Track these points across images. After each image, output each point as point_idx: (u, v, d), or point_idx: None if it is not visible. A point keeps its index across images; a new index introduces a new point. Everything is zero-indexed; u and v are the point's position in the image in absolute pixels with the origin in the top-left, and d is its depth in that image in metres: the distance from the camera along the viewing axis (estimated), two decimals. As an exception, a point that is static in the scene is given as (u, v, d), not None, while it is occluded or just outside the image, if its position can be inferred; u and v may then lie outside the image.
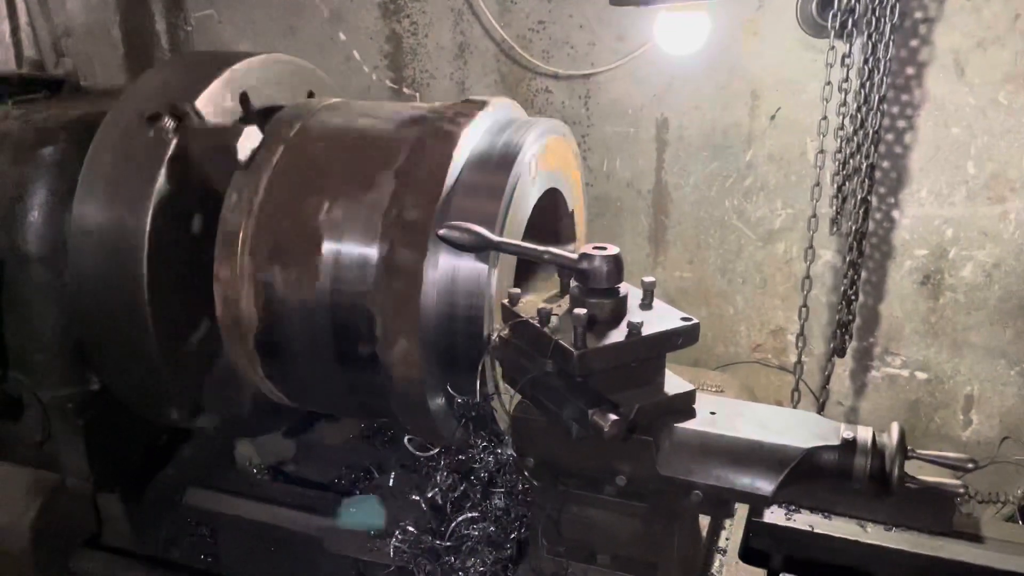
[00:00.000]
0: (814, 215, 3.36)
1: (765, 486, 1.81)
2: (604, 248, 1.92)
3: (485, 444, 2.08)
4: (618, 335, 1.85)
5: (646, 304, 1.99)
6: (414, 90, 4.19)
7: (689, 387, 1.96)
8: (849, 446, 1.81)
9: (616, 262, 1.91)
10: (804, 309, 3.48)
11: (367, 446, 3.05)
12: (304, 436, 3.16)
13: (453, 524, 2.03)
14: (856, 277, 3.41)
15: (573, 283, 1.96)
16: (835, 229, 3.47)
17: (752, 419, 1.93)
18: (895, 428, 1.83)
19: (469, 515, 2.05)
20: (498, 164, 2.22)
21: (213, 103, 2.52)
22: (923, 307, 3.59)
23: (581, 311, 1.79)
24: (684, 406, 1.94)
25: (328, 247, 2.27)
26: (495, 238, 1.88)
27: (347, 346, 2.29)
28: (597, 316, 1.86)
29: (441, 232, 1.86)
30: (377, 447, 3.03)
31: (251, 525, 2.70)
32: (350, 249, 2.24)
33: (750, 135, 3.63)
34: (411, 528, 2.10)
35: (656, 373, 1.95)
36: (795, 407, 3.60)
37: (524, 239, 2.22)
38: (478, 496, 2.07)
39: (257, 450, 3.55)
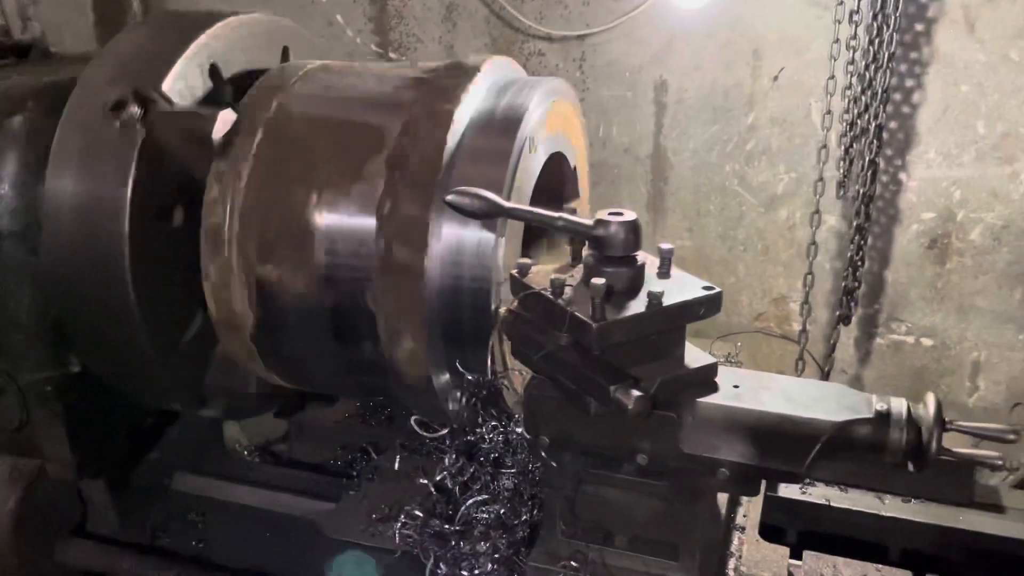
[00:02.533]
0: (820, 179, 3.27)
1: (795, 462, 1.71)
2: (620, 214, 1.80)
3: (495, 423, 1.96)
4: (638, 306, 1.73)
5: (664, 272, 1.87)
6: (400, 55, 4.02)
7: (711, 359, 1.85)
8: (883, 419, 1.71)
9: (634, 228, 1.79)
10: (809, 276, 3.40)
11: (363, 425, 2.93)
12: (297, 416, 3.03)
13: (463, 508, 1.92)
14: (863, 242, 3.33)
15: (587, 251, 1.85)
16: (842, 193, 3.37)
17: (778, 392, 1.82)
18: (931, 399, 1.73)
19: (479, 497, 1.94)
20: (502, 127, 2.09)
21: (183, 80, 2.33)
22: (930, 272, 3.51)
23: (599, 281, 1.67)
24: (706, 379, 1.83)
25: (322, 229, 2.13)
26: (506, 204, 1.75)
27: (346, 328, 2.16)
28: (614, 286, 1.74)
29: (449, 198, 1.73)
30: (373, 426, 2.92)
31: (244, 510, 2.58)
32: (346, 225, 2.11)
33: (752, 97, 3.52)
34: (418, 512, 1.99)
35: (676, 345, 1.84)
36: (799, 376, 3.53)
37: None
38: (488, 477, 1.95)
39: (246, 430, 3.44)
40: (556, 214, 1.78)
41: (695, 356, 1.85)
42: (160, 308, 2.29)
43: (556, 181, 2.56)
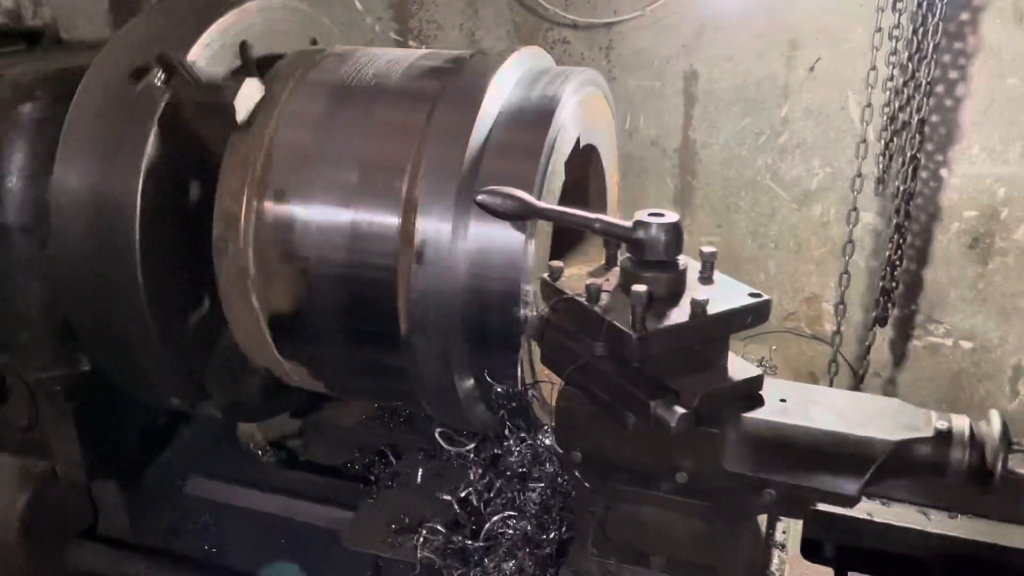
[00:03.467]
0: (859, 174, 3.13)
1: (849, 484, 1.60)
2: (661, 215, 1.69)
3: (523, 435, 1.85)
4: (680, 314, 1.62)
5: (706, 277, 1.77)
6: (420, 43, 3.90)
7: (756, 371, 1.73)
8: (944, 438, 1.60)
9: (675, 231, 1.68)
10: (845, 276, 3.26)
11: (381, 427, 2.83)
12: (312, 416, 2.94)
13: (488, 523, 1.82)
14: (902, 241, 3.18)
15: (623, 255, 1.74)
16: (880, 189, 3.23)
17: (828, 407, 1.71)
18: (995, 417, 1.61)
19: (505, 513, 1.83)
20: (534, 120, 1.97)
21: (207, 55, 2.25)
22: (970, 272, 3.36)
23: (640, 288, 1.55)
24: (751, 392, 1.72)
25: (344, 222, 2.02)
26: (539, 204, 1.64)
27: (366, 325, 2.06)
28: (654, 292, 1.63)
29: (479, 198, 1.62)
30: (392, 428, 2.81)
31: (259, 517, 2.49)
32: (369, 221, 2.01)
33: (786, 88, 3.37)
34: (439, 527, 1.89)
35: (719, 356, 1.73)
36: (832, 380, 3.41)
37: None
38: (515, 492, 1.85)
39: (261, 427, 3.34)
40: (593, 215, 1.67)
41: (739, 367, 1.74)
42: (167, 290, 2.21)
43: (583, 178, 2.45)
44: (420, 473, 1.96)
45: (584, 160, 2.25)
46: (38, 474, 2.60)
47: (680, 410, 1.52)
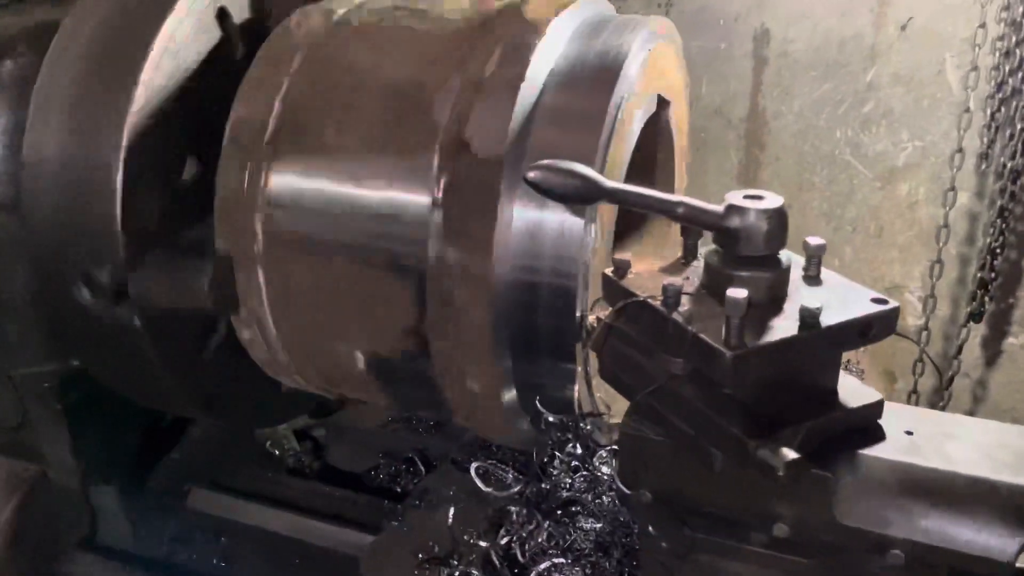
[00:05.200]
0: (959, 149, 2.73)
1: (1003, 544, 1.24)
2: (760, 197, 1.34)
3: (577, 464, 1.52)
4: (786, 326, 1.27)
5: (813, 277, 1.42)
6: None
7: (875, 395, 1.38)
8: None
9: (780, 219, 1.33)
10: (938, 265, 2.87)
11: (409, 431, 2.53)
12: (333, 417, 2.64)
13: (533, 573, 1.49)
14: (1004, 226, 2.79)
15: (707, 247, 1.39)
16: (984, 166, 2.82)
17: (969, 442, 1.35)
18: None
19: (552, 561, 1.51)
20: (595, 80, 1.61)
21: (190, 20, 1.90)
22: (1081, 262, 2.95)
23: (738, 294, 1.20)
24: (870, 423, 1.37)
25: (362, 207, 1.70)
26: (609, 184, 1.28)
27: (388, 324, 1.74)
28: (752, 297, 1.28)
29: (530, 175, 1.27)
30: (421, 432, 2.51)
31: (270, 537, 2.20)
32: (392, 203, 1.68)
33: (873, 49, 2.98)
34: (475, 572, 1.57)
35: (829, 376, 1.38)
36: (917, 382, 3.03)
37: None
38: (568, 536, 1.52)
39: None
40: (676, 198, 1.32)
41: (852, 390, 1.39)
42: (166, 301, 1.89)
43: (648, 149, 2.08)
44: (451, 514, 1.62)
45: (651, 127, 1.89)
46: (28, 479, 2.36)
47: (790, 454, 1.18)
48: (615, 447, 1.61)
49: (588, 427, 1.54)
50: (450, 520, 1.61)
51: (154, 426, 2.51)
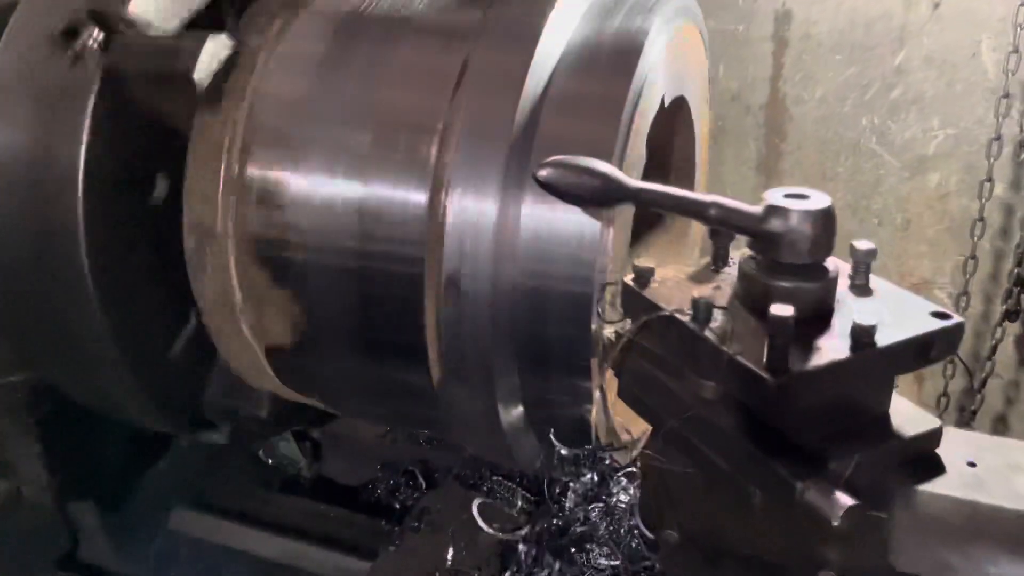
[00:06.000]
0: (997, 136, 2.56)
1: (1085, 601, 1.08)
2: (804, 196, 1.16)
3: (592, 497, 1.36)
4: (836, 346, 1.10)
5: (862, 286, 1.24)
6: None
7: (933, 421, 1.21)
8: None
9: (827, 221, 1.15)
10: (972, 261, 2.70)
11: (408, 442, 2.37)
12: (330, 426, 2.48)
13: (545, 617, 1.33)
14: (1044, 219, 2.62)
15: (740, 253, 1.22)
16: (1021, 155, 2.65)
17: (1042, 475, 1.18)
18: None
19: (568, 601, 1.35)
20: (612, 64, 1.44)
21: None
22: (1124, 258, 2.77)
23: (783, 311, 1.04)
24: (927, 452, 1.20)
25: (353, 205, 1.53)
26: (634, 184, 1.11)
27: (383, 337, 1.58)
28: (796, 312, 1.11)
29: (542, 174, 1.10)
30: (422, 444, 2.35)
31: (259, 562, 2.04)
32: (387, 200, 1.51)
33: (903, 30, 2.81)
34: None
35: (880, 400, 1.21)
36: (947, 383, 2.86)
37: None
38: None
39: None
40: (708, 198, 1.14)
41: (907, 415, 1.22)
42: (134, 309, 1.72)
43: (666, 140, 1.91)
44: (451, 553, 1.46)
45: (670, 117, 1.72)
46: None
47: (846, 501, 1.01)
48: (633, 469, 1.46)
49: (606, 459, 1.38)
50: (449, 560, 1.45)
51: (137, 437, 2.36)
